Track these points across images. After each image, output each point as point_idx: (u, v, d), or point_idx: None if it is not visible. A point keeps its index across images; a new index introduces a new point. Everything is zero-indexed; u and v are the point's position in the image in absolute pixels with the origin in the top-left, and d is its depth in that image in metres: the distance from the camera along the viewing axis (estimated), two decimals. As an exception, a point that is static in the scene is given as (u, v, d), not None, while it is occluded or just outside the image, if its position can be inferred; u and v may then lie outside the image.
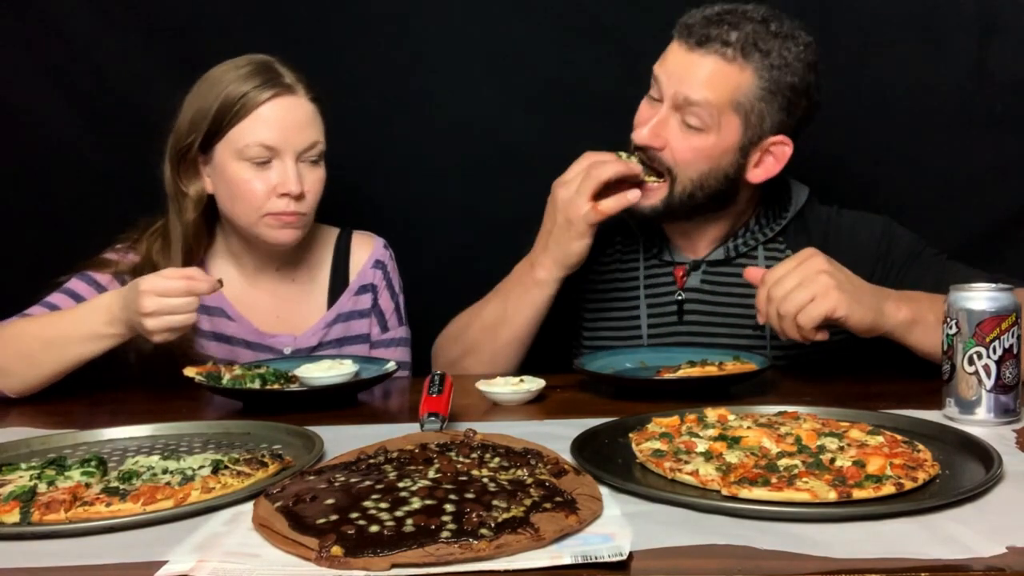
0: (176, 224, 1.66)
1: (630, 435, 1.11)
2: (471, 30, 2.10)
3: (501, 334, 1.64)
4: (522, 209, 2.11)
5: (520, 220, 2.11)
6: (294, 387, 1.48)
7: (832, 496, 0.90)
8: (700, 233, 1.68)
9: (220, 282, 1.46)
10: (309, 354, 1.71)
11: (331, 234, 1.82)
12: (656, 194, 1.58)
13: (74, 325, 1.50)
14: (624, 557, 0.78)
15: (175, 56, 2.07)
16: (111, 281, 1.67)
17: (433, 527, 0.81)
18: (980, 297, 1.20)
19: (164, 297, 1.39)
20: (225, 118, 1.59)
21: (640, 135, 1.56)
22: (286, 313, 1.74)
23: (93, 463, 1.05)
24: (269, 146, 1.59)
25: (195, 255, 1.68)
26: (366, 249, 1.82)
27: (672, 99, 1.54)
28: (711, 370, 1.46)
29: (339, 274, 1.79)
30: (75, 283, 1.67)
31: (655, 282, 1.71)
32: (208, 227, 1.71)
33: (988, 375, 1.19)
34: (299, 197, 1.61)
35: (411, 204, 2.13)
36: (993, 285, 1.22)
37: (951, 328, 1.22)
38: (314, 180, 1.64)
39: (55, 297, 1.65)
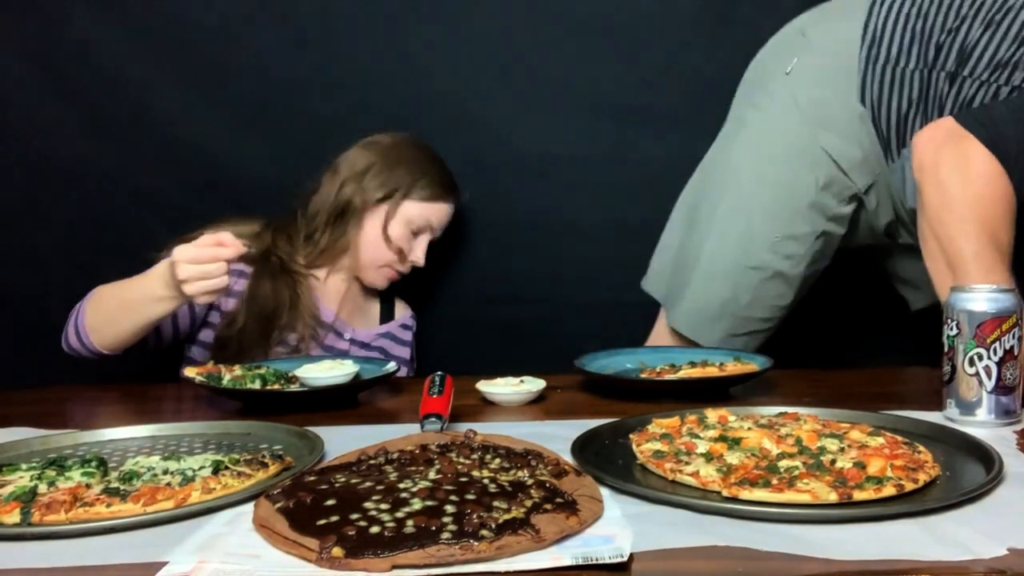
0: (342, 237, 1.91)
1: (630, 436, 1.11)
2: (477, 32, 2.10)
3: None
4: (526, 211, 2.13)
5: (524, 222, 2.12)
6: (294, 387, 1.48)
7: (833, 497, 0.90)
8: None
9: (248, 246, 1.67)
10: (362, 349, 1.95)
11: None
12: None
13: (142, 289, 1.60)
14: (625, 558, 0.78)
15: (176, 57, 2.07)
16: None
17: (434, 528, 0.81)
18: (980, 298, 1.20)
19: (196, 264, 1.50)
20: (411, 195, 1.90)
21: None
22: (346, 311, 1.97)
23: (93, 463, 1.05)
24: (431, 227, 1.94)
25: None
26: (403, 303, 2.10)
27: None
28: (711, 370, 1.47)
29: (386, 305, 2.06)
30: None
31: None
32: None
33: (989, 376, 1.19)
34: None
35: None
36: (993, 286, 1.22)
37: (952, 329, 1.22)
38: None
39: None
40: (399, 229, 1.90)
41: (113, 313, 1.64)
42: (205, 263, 1.49)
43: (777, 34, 1.84)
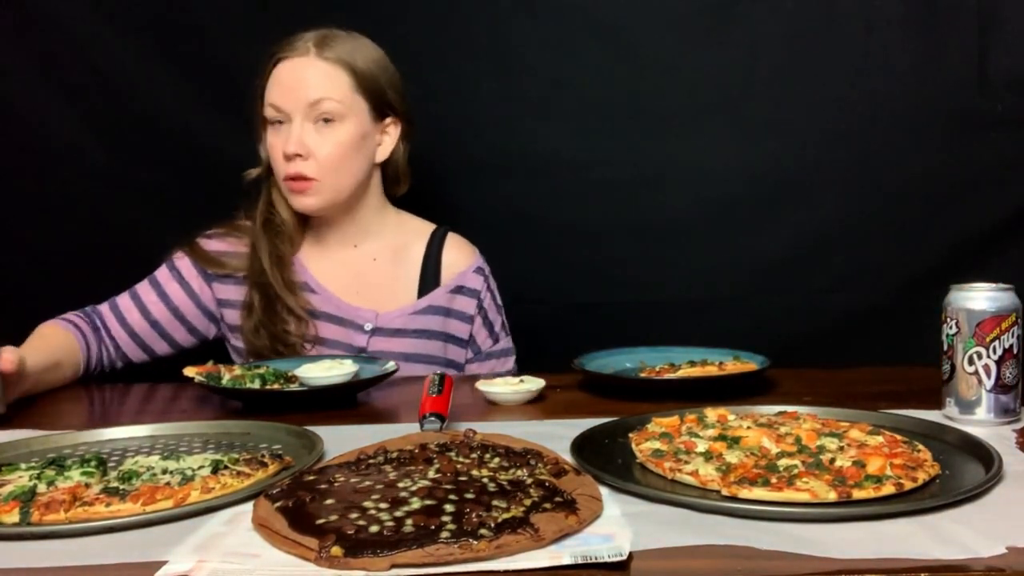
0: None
1: (630, 435, 1.11)
2: (472, 31, 2.10)
3: None
4: (526, 212, 2.12)
5: (524, 222, 2.12)
6: (294, 387, 1.48)
7: (832, 496, 0.90)
8: None
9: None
10: (392, 336, 1.73)
11: (424, 227, 1.83)
12: None
13: None
14: (624, 557, 0.78)
15: (176, 56, 2.07)
16: (189, 266, 1.74)
17: (433, 527, 0.81)
18: (980, 297, 1.20)
19: None
20: (261, 86, 1.66)
21: None
22: (367, 290, 1.73)
23: (93, 463, 1.05)
24: (276, 106, 1.62)
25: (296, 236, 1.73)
26: (465, 254, 1.81)
27: None
28: (711, 370, 1.47)
29: (430, 269, 1.77)
30: (161, 270, 1.76)
31: None
32: None
33: (988, 375, 1.19)
34: (300, 157, 1.61)
35: (411, 207, 2.13)
36: (993, 285, 1.22)
37: (951, 328, 1.22)
38: (322, 142, 1.63)
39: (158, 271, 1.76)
40: (267, 131, 1.65)
41: None
42: None
43: None
